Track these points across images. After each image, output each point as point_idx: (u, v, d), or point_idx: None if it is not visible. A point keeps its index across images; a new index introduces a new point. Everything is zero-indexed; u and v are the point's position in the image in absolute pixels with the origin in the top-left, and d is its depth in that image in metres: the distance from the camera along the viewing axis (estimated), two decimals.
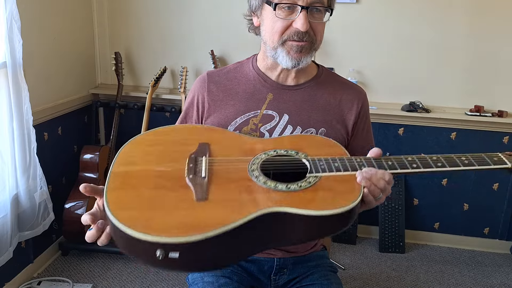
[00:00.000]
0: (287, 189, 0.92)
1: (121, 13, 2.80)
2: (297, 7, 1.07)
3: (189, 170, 0.95)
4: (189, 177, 0.93)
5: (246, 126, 1.18)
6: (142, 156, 1.00)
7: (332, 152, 1.04)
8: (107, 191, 0.88)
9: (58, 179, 2.54)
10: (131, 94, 2.80)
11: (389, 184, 0.96)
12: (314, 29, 1.11)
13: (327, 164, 0.98)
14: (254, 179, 0.94)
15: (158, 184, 0.92)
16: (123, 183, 0.91)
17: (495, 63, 2.61)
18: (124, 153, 1.00)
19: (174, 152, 1.02)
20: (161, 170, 0.96)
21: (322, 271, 1.25)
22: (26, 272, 2.30)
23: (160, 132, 1.10)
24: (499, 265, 2.71)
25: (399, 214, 2.80)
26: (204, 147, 1.03)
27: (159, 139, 1.07)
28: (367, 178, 0.94)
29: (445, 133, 2.73)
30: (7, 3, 1.86)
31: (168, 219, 0.83)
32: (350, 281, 2.47)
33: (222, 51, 2.77)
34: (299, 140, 1.11)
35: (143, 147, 1.03)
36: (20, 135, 2.00)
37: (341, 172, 0.97)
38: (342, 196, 0.91)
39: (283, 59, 1.12)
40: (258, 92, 1.21)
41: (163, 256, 0.78)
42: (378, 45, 2.67)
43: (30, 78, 2.10)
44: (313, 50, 1.14)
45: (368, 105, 1.28)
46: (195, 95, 1.25)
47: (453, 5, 2.56)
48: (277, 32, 1.10)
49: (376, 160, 1.00)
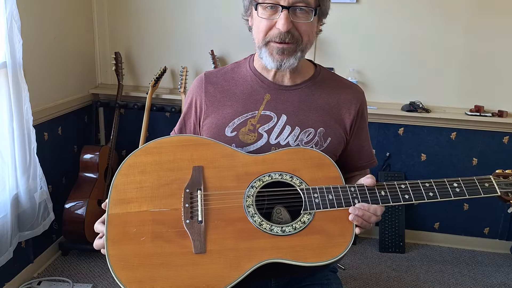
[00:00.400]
0: (282, 233, 0.97)
1: (121, 13, 2.80)
2: (279, 7, 1.07)
3: (185, 212, 0.98)
4: (185, 222, 0.96)
5: (244, 127, 1.18)
6: (136, 190, 1.01)
7: (326, 175, 1.07)
8: (107, 243, 0.93)
9: (58, 179, 2.54)
10: (131, 94, 2.80)
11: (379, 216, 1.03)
12: (299, 29, 1.09)
13: (321, 197, 1.02)
14: (250, 219, 0.98)
15: (157, 232, 0.95)
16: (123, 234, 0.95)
17: (495, 63, 2.61)
18: (117, 188, 1.02)
19: (168, 183, 1.02)
20: (158, 212, 0.98)
21: (323, 272, 1.25)
22: (26, 272, 2.30)
23: (150, 150, 1.07)
24: (499, 265, 2.71)
25: (399, 214, 2.80)
26: (198, 174, 1.04)
27: (150, 162, 1.05)
28: (359, 216, 0.99)
29: (445, 133, 2.73)
30: (7, 3, 1.86)
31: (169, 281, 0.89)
32: (350, 281, 2.47)
33: (222, 51, 2.77)
34: (293, 157, 1.09)
35: (135, 176, 1.03)
36: (20, 135, 2.00)
37: (334, 208, 1.01)
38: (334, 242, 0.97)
39: (266, 59, 1.13)
40: (255, 93, 1.21)
41: None
42: (378, 45, 2.67)
43: (30, 78, 2.09)
44: (299, 51, 1.12)
45: (366, 104, 1.28)
46: (193, 96, 1.26)
47: (453, 5, 2.56)
48: (262, 32, 1.10)
49: (370, 190, 1.04)
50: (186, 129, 1.28)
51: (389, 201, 1.02)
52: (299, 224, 0.98)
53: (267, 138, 1.17)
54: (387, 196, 1.02)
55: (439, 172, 2.80)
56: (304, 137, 1.18)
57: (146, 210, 0.98)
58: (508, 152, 2.69)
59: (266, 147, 1.17)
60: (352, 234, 0.97)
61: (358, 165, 1.29)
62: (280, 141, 1.18)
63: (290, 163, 1.08)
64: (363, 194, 1.02)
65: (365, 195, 1.02)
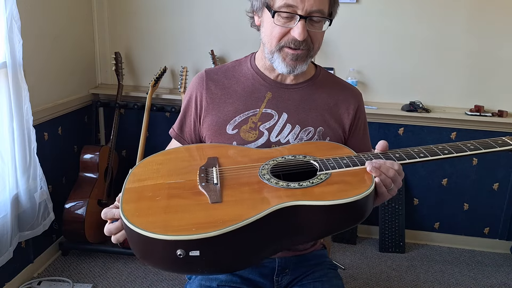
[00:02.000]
0: (300, 186, 0.94)
1: (121, 13, 2.80)
2: (295, 16, 1.07)
3: (201, 179, 0.97)
4: (201, 184, 0.95)
5: (245, 125, 1.18)
6: (152, 173, 1.02)
7: (339, 153, 1.07)
8: (122, 204, 0.90)
9: (58, 179, 2.54)
10: (131, 94, 2.80)
11: (399, 175, 0.98)
12: (312, 37, 1.11)
13: (335, 162, 1.01)
14: (266, 181, 0.97)
15: (172, 193, 0.94)
16: (138, 196, 0.94)
17: (495, 63, 2.61)
18: (134, 174, 1.02)
19: (183, 167, 1.05)
20: (174, 182, 0.98)
21: (323, 270, 1.26)
22: (26, 272, 2.30)
23: (168, 152, 1.14)
24: (499, 265, 2.71)
25: (399, 214, 2.80)
26: (213, 160, 1.06)
27: (168, 158, 1.10)
28: (376, 167, 0.96)
29: (445, 133, 2.73)
30: (7, 3, 1.86)
31: (185, 220, 0.85)
32: (350, 281, 2.47)
33: (222, 51, 2.77)
34: (305, 146, 1.13)
35: (153, 166, 1.06)
36: (20, 135, 2.00)
37: (350, 167, 0.99)
38: (355, 186, 0.93)
39: (278, 64, 1.13)
40: (257, 91, 1.21)
41: (184, 255, 0.79)
42: (378, 45, 2.67)
43: (30, 78, 2.10)
44: (310, 57, 1.14)
45: (364, 106, 1.29)
46: (193, 93, 1.25)
47: (453, 5, 2.56)
48: (275, 38, 1.11)
49: (383, 153, 1.02)
50: (186, 126, 1.27)
51: (405, 158, 1.00)
52: (316, 180, 0.96)
53: (267, 136, 1.18)
54: (401, 156, 1.00)
55: (439, 171, 2.80)
56: (304, 135, 1.19)
57: (162, 182, 0.98)
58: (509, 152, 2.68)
59: (266, 145, 1.18)
60: (372, 180, 0.94)
61: None
62: (281, 139, 1.18)
63: (302, 148, 1.11)
64: (377, 157, 1.01)
65: (379, 157, 1.01)
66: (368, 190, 0.91)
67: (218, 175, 0.98)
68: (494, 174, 2.76)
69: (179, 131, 1.27)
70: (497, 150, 1.00)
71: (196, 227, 0.82)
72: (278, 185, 0.95)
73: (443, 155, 0.99)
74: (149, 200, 0.92)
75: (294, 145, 1.15)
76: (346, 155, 1.04)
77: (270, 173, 0.99)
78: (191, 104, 1.25)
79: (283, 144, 1.18)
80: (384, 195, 0.98)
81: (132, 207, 0.90)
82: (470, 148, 1.00)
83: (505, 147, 1.01)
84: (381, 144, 1.04)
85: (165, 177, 1.00)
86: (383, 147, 1.04)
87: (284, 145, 1.18)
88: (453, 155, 0.99)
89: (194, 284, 1.22)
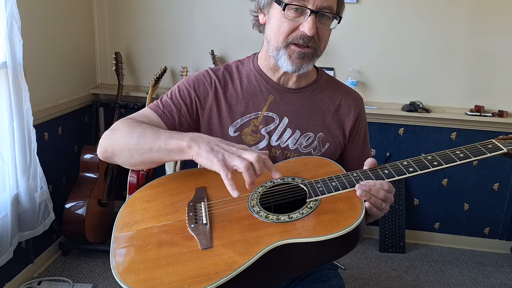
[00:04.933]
0: (290, 219, 0.92)
1: (121, 13, 2.80)
2: (306, 10, 1.05)
3: (189, 219, 0.95)
4: (190, 227, 0.93)
5: (247, 128, 1.17)
6: (141, 214, 1.00)
7: (328, 171, 1.05)
8: (113, 256, 0.90)
9: (58, 179, 2.54)
10: (131, 94, 2.80)
11: (390, 193, 0.97)
12: (319, 35, 1.09)
13: (324, 185, 0.99)
14: (256, 215, 0.95)
15: (162, 240, 0.92)
16: (128, 246, 0.92)
17: (495, 63, 2.61)
18: (122, 217, 1.00)
19: (172, 204, 1.02)
20: (163, 225, 0.96)
21: (323, 270, 1.25)
22: (26, 272, 2.30)
23: (155, 185, 1.09)
24: (499, 265, 2.71)
25: (399, 214, 2.80)
26: (201, 192, 1.03)
27: (155, 193, 1.06)
28: (366, 191, 0.94)
29: (445, 133, 2.72)
30: (7, 3, 1.86)
31: (177, 275, 0.84)
32: (350, 281, 2.47)
33: (222, 51, 2.77)
34: (293, 165, 1.10)
35: (141, 205, 1.03)
36: (21, 135, 2.00)
37: (340, 190, 0.97)
38: (345, 215, 0.91)
39: (284, 62, 1.11)
40: (259, 93, 1.20)
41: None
42: (378, 45, 2.67)
43: (30, 78, 2.10)
44: (316, 57, 1.13)
45: (365, 111, 1.28)
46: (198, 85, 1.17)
47: (453, 5, 2.56)
48: (283, 33, 1.08)
49: (372, 171, 1.00)
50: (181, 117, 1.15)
51: (394, 175, 0.97)
52: (306, 210, 0.94)
53: (268, 140, 1.17)
54: (391, 172, 0.98)
55: (439, 171, 2.80)
56: (304, 141, 1.18)
57: (152, 226, 0.96)
58: None
59: (267, 149, 1.17)
60: (362, 207, 0.92)
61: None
62: (281, 143, 1.18)
63: (290, 169, 1.08)
64: (366, 176, 0.99)
65: (368, 176, 0.99)
66: (359, 219, 0.89)
67: (207, 213, 0.96)
68: (494, 174, 2.76)
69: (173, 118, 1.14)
70: (488, 156, 0.98)
71: (189, 282, 0.81)
72: (268, 219, 0.93)
73: (432, 168, 0.97)
74: (139, 251, 0.91)
75: (282, 164, 1.12)
76: (334, 175, 1.01)
77: (260, 204, 0.98)
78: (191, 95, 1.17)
79: (282, 149, 1.17)
80: (376, 215, 0.97)
81: (123, 260, 0.89)
82: (460, 156, 0.98)
83: (496, 152, 0.98)
84: (370, 161, 1.02)
85: (154, 218, 0.98)
86: (371, 165, 1.02)
87: (284, 149, 1.17)
88: (442, 166, 0.97)
89: None
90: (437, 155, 1.00)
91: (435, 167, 0.97)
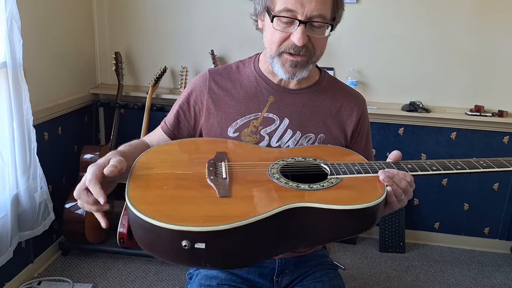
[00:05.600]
0: (310, 188, 0.93)
1: (121, 13, 2.80)
2: (295, 21, 1.04)
3: (209, 172, 0.96)
4: (210, 178, 0.94)
5: (247, 128, 1.17)
6: (160, 163, 1.01)
7: (351, 159, 1.05)
8: (128, 190, 0.89)
9: (58, 179, 2.54)
10: (131, 94, 2.80)
11: (411, 187, 0.97)
12: (313, 43, 1.08)
13: (347, 168, 1.00)
14: (275, 180, 0.96)
15: (180, 184, 0.93)
16: (145, 183, 0.92)
17: (495, 63, 2.61)
18: (141, 162, 1.01)
19: (191, 159, 1.04)
20: (182, 173, 0.97)
21: (323, 270, 1.26)
22: (26, 272, 2.30)
23: (175, 143, 1.13)
24: (499, 265, 2.71)
25: (399, 214, 2.80)
26: (222, 154, 1.05)
27: (175, 149, 1.09)
28: (389, 177, 0.94)
29: (445, 133, 2.73)
30: (7, 3, 1.86)
31: (193, 211, 0.84)
32: (350, 281, 2.47)
33: (222, 51, 2.77)
34: (316, 149, 1.12)
35: (160, 155, 1.05)
36: (20, 135, 2.00)
37: (362, 174, 0.98)
38: (367, 193, 0.91)
39: (278, 70, 1.12)
40: (259, 94, 1.20)
41: (189, 246, 0.77)
42: (378, 45, 2.67)
43: (30, 78, 2.10)
44: (311, 63, 1.12)
45: (367, 113, 1.28)
46: (195, 91, 1.22)
47: (453, 5, 2.56)
48: (275, 43, 1.09)
49: (396, 163, 1.01)
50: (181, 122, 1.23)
51: (417, 170, 0.98)
52: (326, 184, 0.94)
53: (268, 141, 1.17)
54: (413, 167, 0.99)
55: None
56: (304, 142, 1.18)
57: (170, 172, 0.97)
58: (508, 152, 2.69)
59: None
60: (384, 189, 0.92)
61: None
62: (281, 144, 1.17)
63: (312, 151, 1.10)
64: (389, 166, 0.99)
65: (391, 167, 0.99)
66: (380, 198, 0.89)
67: (227, 170, 0.97)
68: (494, 174, 2.76)
69: (172, 127, 1.23)
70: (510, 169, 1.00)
71: (204, 219, 0.81)
72: (287, 185, 0.93)
73: (456, 170, 0.98)
74: (156, 188, 0.91)
75: (304, 148, 1.14)
76: (357, 162, 1.02)
77: (280, 173, 0.98)
78: (189, 100, 1.22)
79: None
80: (393, 205, 0.96)
81: (138, 193, 0.88)
82: (483, 165, 1.00)
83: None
84: (395, 154, 1.02)
85: (173, 167, 0.99)
86: (396, 157, 1.02)
87: None
88: (465, 170, 0.98)
89: (195, 284, 1.22)
90: (461, 160, 1.01)
91: (458, 170, 0.98)
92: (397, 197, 0.95)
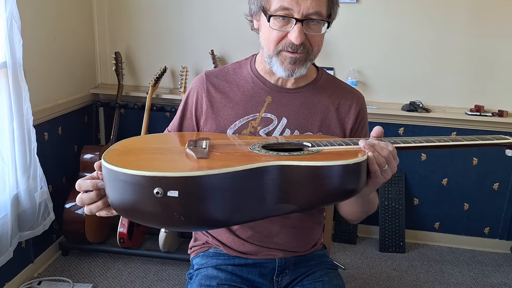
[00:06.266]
0: (289, 154, 0.92)
1: (121, 13, 2.80)
2: (292, 19, 1.05)
3: (188, 145, 0.97)
4: (189, 148, 0.95)
5: (245, 129, 1.18)
6: (140, 143, 1.04)
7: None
8: (105, 156, 0.88)
9: (58, 179, 2.54)
10: (131, 94, 2.80)
11: (394, 159, 0.94)
12: (310, 41, 1.09)
13: (328, 142, 1.00)
14: (256, 151, 0.95)
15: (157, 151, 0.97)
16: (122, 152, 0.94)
17: (495, 63, 2.61)
18: (121, 142, 1.02)
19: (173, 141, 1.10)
20: (160, 148, 1.01)
21: (323, 269, 1.26)
22: (26, 272, 2.30)
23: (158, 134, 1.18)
24: (499, 264, 2.72)
25: (399, 214, 2.80)
26: (204, 138, 1.06)
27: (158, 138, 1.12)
28: (370, 145, 0.93)
29: (445, 133, 2.72)
30: (7, 3, 1.86)
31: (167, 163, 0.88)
32: (350, 280, 2.47)
33: (222, 51, 2.77)
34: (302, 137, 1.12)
35: (141, 139, 1.10)
36: (20, 135, 2.00)
37: (343, 146, 0.98)
38: (348, 156, 0.90)
39: (277, 68, 1.12)
40: (257, 95, 1.20)
41: (162, 194, 0.76)
42: (378, 45, 2.67)
43: (30, 78, 2.10)
44: (309, 60, 1.12)
45: (366, 110, 1.28)
46: (192, 95, 1.24)
47: (453, 5, 2.56)
48: (272, 42, 1.09)
49: (378, 139, 0.99)
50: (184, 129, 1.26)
51: (398, 142, 0.97)
52: (307, 151, 0.94)
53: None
54: (396, 141, 0.98)
55: (439, 171, 2.80)
56: None
57: (148, 147, 0.99)
58: None
59: None
60: (365, 154, 0.91)
61: None
62: None
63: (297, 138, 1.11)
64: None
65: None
66: (362, 158, 0.89)
67: (207, 145, 0.98)
68: (494, 174, 2.76)
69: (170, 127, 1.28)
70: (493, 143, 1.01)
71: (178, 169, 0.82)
72: (267, 154, 0.93)
73: (438, 143, 0.98)
74: (133, 154, 0.93)
75: (289, 137, 1.14)
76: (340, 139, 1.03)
77: (261, 148, 0.98)
78: (190, 106, 1.24)
79: None
80: (377, 175, 0.93)
81: (114, 155, 0.89)
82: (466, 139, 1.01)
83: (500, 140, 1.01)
84: (376, 130, 1.01)
85: (153, 145, 1.02)
86: (378, 133, 1.00)
87: None
88: (448, 143, 0.99)
89: (195, 284, 1.22)
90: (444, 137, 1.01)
91: (439, 142, 0.99)
92: (380, 166, 0.92)
